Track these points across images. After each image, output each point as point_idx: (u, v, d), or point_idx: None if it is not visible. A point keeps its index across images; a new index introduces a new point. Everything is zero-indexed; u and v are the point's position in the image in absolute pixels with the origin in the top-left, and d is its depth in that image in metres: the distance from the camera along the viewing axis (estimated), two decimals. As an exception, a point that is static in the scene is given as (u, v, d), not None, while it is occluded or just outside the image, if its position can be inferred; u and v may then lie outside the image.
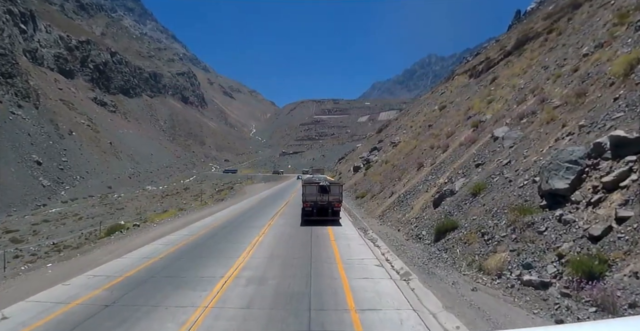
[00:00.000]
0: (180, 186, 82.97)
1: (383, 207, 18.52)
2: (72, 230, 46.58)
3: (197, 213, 26.05)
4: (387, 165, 27.14)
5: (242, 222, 19.04)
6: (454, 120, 21.02)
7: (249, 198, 36.55)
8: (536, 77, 15.18)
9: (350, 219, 18.94)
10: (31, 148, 79.68)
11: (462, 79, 32.41)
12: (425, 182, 16.28)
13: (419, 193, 15.80)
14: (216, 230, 16.61)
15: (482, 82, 23.68)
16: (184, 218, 22.96)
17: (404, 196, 17.15)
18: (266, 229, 16.04)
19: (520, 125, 11.56)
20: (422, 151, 21.74)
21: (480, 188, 10.39)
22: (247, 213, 23.34)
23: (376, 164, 32.57)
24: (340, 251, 11.44)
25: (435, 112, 29.40)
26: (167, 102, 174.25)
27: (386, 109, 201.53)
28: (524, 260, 6.72)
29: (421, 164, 18.39)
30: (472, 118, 17.22)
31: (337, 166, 71.65)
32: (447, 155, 16.42)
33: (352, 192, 32.12)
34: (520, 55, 21.17)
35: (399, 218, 15.21)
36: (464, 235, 9.09)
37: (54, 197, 72.47)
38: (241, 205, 28.99)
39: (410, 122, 37.32)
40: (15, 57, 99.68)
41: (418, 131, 28.74)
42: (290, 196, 34.96)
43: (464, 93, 25.61)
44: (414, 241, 11.91)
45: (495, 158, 11.52)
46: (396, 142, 32.40)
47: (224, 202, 37.00)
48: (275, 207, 26.12)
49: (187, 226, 18.09)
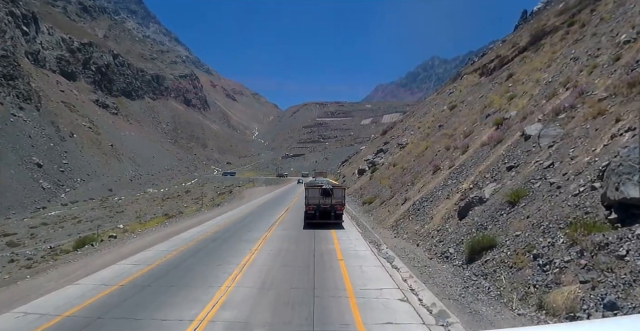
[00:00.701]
0: (182, 189, 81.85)
1: (396, 216, 16.68)
2: (70, 233, 45.41)
3: (186, 220, 23.63)
4: (395, 168, 25.72)
5: (234, 232, 16.75)
6: (469, 119, 19.62)
7: (247, 204, 34.18)
8: (565, 69, 13.85)
9: (359, 230, 16.84)
10: (32, 151, 78.90)
11: (471, 78, 31.17)
12: (445, 188, 14.45)
13: (438, 200, 14.03)
14: (202, 244, 14.23)
15: (495, 79, 22.44)
16: (171, 227, 20.57)
17: (419, 203, 15.29)
18: (261, 243, 13.76)
19: (557, 121, 10.13)
20: (435, 152, 20.18)
21: (519, 196, 8.77)
22: (242, 221, 20.85)
23: (383, 167, 31.28)
24: (351, 276, 9.21)
25: (445, 112, 28.13)
26: (170, 105, 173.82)
27: (389, 112, 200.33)
28: (604, 297, 5.03)
29: (437, 167, 16.77)
30: (492, 116, 15.84)
31: (341, 169, 70.29)
32: (468, 156, 14.77)
33: (358, 196, 30.30)
34: (538, 51, 19.97)
35: (416, 229, 13.36)
36: (507, 256, 7.36)
37: (54, 200, 71.51)
38: (237, 212, 26.54)
39: (418, 123, 35.92)
40: (17, 59, 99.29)
41: (427, 132, 27.44)
42: (291, 202, 32.59)
43: (476, 92, 24.33)
44: (439, 260, 10.00)
45: (531, 160, 10.00)
46: (404, 144, 31.09)
47: (220, 207, 34.71)
48: (274, 214, 23.77)
49: (170, 238, 15.62)
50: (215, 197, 56.35)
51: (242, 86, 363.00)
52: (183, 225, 20.35)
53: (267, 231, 16.70)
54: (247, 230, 17.20)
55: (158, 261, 11.35)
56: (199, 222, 21.12)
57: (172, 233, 17.16)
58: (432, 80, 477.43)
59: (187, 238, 15.32)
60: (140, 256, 12.26)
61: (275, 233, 16.18)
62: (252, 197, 44.61)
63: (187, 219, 24.43)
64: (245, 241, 14.37)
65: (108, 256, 12.84)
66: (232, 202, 41.07)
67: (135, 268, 10.59)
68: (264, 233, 15.94)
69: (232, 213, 25.47)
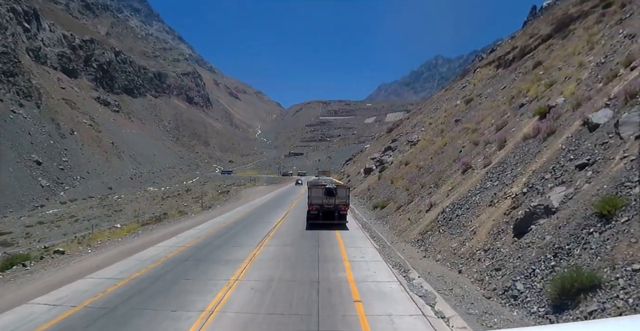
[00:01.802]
0: (183, 187, 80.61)
1: (420, 226, 13.69)
2: (65, 232, 44.15)
3: (164, 228, 19.99)
4: (409, 167, 23.69)
5: (215, 248, 13.49)
6: (495, 111, 17.71)
7: (242, 206, 31.02)
8: (620, 48, 12.12)
9: (375, 245, 13.46)
10: (31, 148, 77.87)
11: (486, 71, 29.53)
12: (484, 191, 11.74)
13: (478, 208, 11.22)
14: (165, 267, 10.80)
15: (518, 69, 20.77)
16: (142, 237, 17.33)
17: (451, 211, 12.50)
18: (245, 268, 10.46)
19: (638, 105, 8.08)
20: (458, 148, 17.98)
21: (614, 206, 6.21)
22: (230, 230, 17.72)
23: (392, 166, 29.58)
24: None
25: (460, 107, 26.46)
26: (172, 102, 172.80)
27: (393, 110, 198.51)
28: None
29: (468, 165, 14.41)
30: (527, 105, 13.83)
31: (344, 168, 68.69)
32: (508, 152, 12.40)
33: (366, 198, 27.77)
34: (567, 37, 18.37)
35: (453, 247, 10.50)
36: (627, 305, 4.91)
37: (52, 198, 70.43)
38: (228, 217, 23.33)
39: (428, 119, 34.09)
40: (17, 55, 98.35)
41: (441, 128, 25.71)
42: (290, 205, 29.50)
43: (496, 84, 22.59)
44: (503, 302, 6.96)
45: (613, 155, 7.71)
46: (414, 141, 29.43)
47: (211, 210, 31.38)
48: (270, 220, 20.67)
49: (129, 256, 12.40)
50: (215, 195, 54.95)
51: (245, 84, 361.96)
52: (156, 236, 17.15)
53: (257, 247, 13.50)
54: (233, 245, 13.99)
55: (91, 299, 7.96)
56: (176, 231, 18.01)
57: (136, 248, 13.87)
58: (435, 79, 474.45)
59: (151, 258, 12.05)
60: (68, 290, 8.77)
61: (268, 250, 12.92)
62: (249, 197, 41.73)
63: (167, 226, 20.89)
64: (225, 263, 11.10)
65: (29, 287, 9.31)
66: (227, 203, 38.24)
67: (48, 314, 7.15)
68: (252, 250, 12.79)
69: (221, 219, 22.29)
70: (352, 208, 23.70)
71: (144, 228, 21.47)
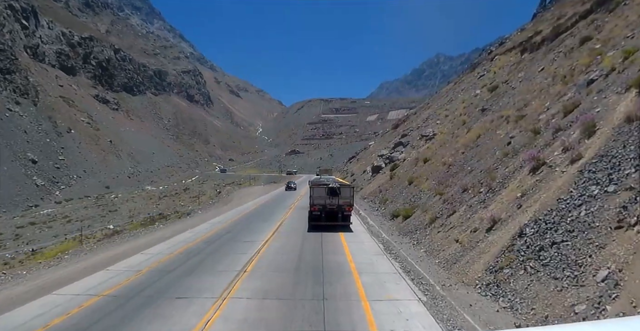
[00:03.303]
0: (181, 186, 78.56)
1: (486, 257, 8.94)
2: (56, 234, 42.18)
3: (118, 246, 15.91)
4: (432, 164, 20.43)
5: (175, 281, 9.62)
6: (544, 94, 14.87)
7: (228, 212, 26.05)
8: None
9: (420, 295, 8.40)
10: (26, 146, 76.03)
11: (507, 58, 27.05)
12: (590, 201, 7.34)
13: (595, 231, 6.71)
14: (88, 320, 7.22)
15: (556, 49, 18.05)
16: (87, 258, 13.39)
17: (538, 233, 7.98)
18: (212, 319, 7.05)
19: None
20: (502, 140, 14.59)
21: None
22: (200, 252, 13.12)
23: (406, 163, 27.02)
24: None
25: (483, 95, 23.89)
26: (172, 100, 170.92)
27: (395, 108, 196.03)
28: None
29: (539, 160, 10.30)
30: (601, 80, 10.87)
31: (348, 166, 66.30)
32: (606, 140, 8.39)
33: (379, 203, 23.49)
34: (614, 11, 16.00)
35: (568, 304, 6.00)
36: None
37: (47, 197, 68.55)
38: (206, 229, 18.77)
39: (443, 111, 31.50)
40: (14, 52, 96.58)
41: (462, 119, 23.21)
42: (287, 212, 24.47)
43: (529, 67, 19.82)
44: None
45: None
46: (429, 135, 26.94)
47: (189, 218, 26.54)
48: (259, 234, 16.30)
49: (49, 294, 8.89)
50: (214, 195, 52.80)
51: (246, 83, 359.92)
52: (107, 255, 13.44)
53: (228, 287, 8.92)
54: (201, 274, 9.98)
55: None
56: (133, 250, 13.80)
57: (68, 277, 10.34)
58: (437, 77, 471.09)
59: (77, 298, 8.48)
60: None
61: (239, 305, 7.85)
62: (242, 200, 36.33)
63: (123, 243, 16.68)
64: (186, 305, 7.68)
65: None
66: (212, 208, 33.81)
67: None
68: (227, 284, 9.05)
69: (195, 232, 17.58)
70: (363, 216, 20.76)
71: (89, 246, 17.36)
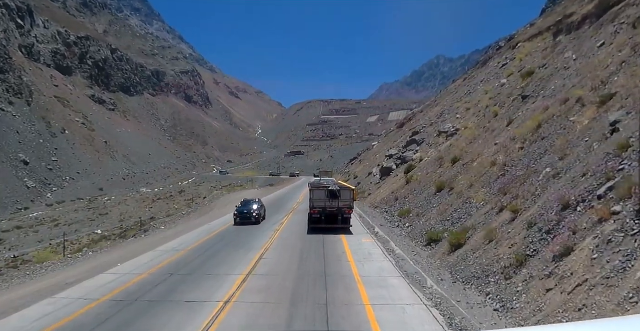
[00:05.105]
0: (177, 189, 76.79)
1: None
2: (42, 239, 40.48)
3: (43, 279, 12.25)
4: (470, 165, 16.45)
5: None
6: (626, 69, 11.34)
7: (197, 230, 19.83)
8: None
9: None
10: (18, 147, 74.35)
11: (533, 45, 24.51)
12: None
13: None
14: None
15: (615, 21, 15.20)
16: None
17: None
18: None
19: None
20: (598, 127, 9.79)
21: None
22: (145, 295, 8.85)
23: (425, 163, 23.80)
24: None
25: (515, 83, 21.42)
26: (170, 101, 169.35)
27: (395, 109, 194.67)
28: None
29: None
30: None
31: (349, 168, 64.23)
32: None
33: (398, 215, 18.62)
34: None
35: None
36: None
37: (38, 200, 66.81)
38: (145, 263, 12.22)
39: (463, 104, 28.75)
40: (8, 52, 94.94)
41: (494, 110, 20.11)
42: (279, 226, 19.27)
43: (576, 47, 16.45)
44: None
45: None
46: (449, 131, 24.44)
47: (146, 236, 21.49)
48: (218, 286, 9.40)
49: None
50: (211, 199, 51.09)
51: (246, 84, 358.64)
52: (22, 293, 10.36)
53: None
54: None
55: None
56: (59, 286, 10.23)
57: None
58: (437, 79, 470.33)
59: None
60: None
61: None
62: (225, 209, 28.75)
63: (52, 275, 12.94)
64: None
65: None
66: (184, 219, 28.58)
67: None
68: None
69: (118, 275, 10.79)
70: (382, 236, 15.66)
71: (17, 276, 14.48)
